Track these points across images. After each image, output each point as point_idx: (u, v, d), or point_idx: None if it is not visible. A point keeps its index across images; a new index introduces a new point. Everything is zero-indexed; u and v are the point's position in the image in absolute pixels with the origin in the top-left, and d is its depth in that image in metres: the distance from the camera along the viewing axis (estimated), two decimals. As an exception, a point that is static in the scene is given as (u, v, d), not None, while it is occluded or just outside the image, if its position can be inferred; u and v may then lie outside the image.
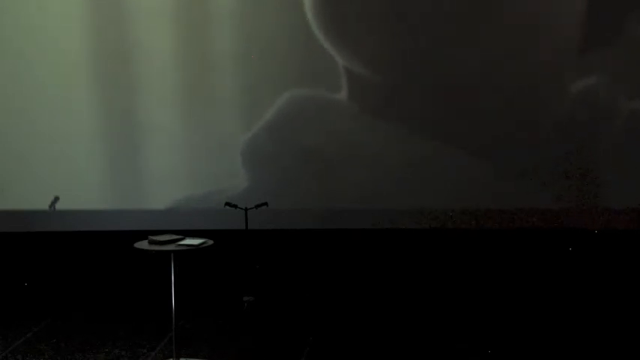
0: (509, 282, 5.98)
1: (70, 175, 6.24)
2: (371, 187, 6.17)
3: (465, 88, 6.06)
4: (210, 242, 4.68)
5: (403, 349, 5.09)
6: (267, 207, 5.70)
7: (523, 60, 6.02)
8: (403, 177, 6.15)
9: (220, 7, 6.11)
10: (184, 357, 4.81)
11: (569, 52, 6.04)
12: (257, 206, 5.67)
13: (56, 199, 6.18)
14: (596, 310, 5.68)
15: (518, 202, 6.13)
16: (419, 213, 6.14)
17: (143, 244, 4.60)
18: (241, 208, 5.66)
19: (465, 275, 6.05)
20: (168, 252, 4.54)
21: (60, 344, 5.19)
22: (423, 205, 6.14)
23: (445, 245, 6.14)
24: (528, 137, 6.08)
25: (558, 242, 6.07)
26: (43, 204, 6.21)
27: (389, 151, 6.13)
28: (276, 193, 6.02)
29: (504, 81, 6.07)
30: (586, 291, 5.87)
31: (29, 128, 6.24)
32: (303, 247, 6.19)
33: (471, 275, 6.05)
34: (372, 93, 6.14)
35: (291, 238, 6.18)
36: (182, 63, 6.20)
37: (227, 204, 5.68)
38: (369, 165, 6.16)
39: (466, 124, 6.10)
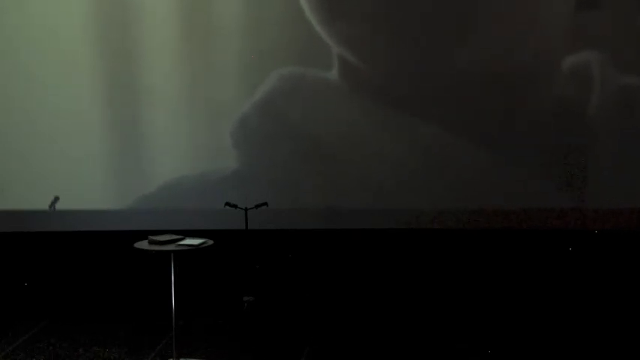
0: (510, 282, 5.98)
1: (70, 175, 6.24)
2: (371, 185, 6.17)
3: (460, 78, 6.04)
4: (210, 242, 4.68)
5: (403, 348, 5.10)
6: (267, 207, 5.69)
7: (517, 45, 6.01)
8: (404, 175, 6.15)
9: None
10: (184, 357, 4.82)
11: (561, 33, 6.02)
12: (257, 206, 5.67)
13: (56, 199, 6.18)
14: (596, 310, 5.68)
15: (520, 202, 6.12)
16: (419, 212, 6.14)
17: (143, 244, 4.60)
18: (241, 208, 5.65)
19: (465, 275, 6.05)
20: (168, 252, 4.54)
21: (60, 344, 5.19)
22: (422, 204, 6.13)
23: (445, 245, 6.13)
24: (524, 133, 6.07)
25: (558, 242, 6.07)
26: (43, 204, 6.21)
27: (391, 149, 6.13)
28: (274, 182, 6.06)
29: (501, 71, 6.05)
30: (586, 291, 5.87)
31: (29, 128, 6.24)
32: (303, 247, 6.19)
33: (471, 275, 6.04)
34: (366, 81, 6.13)
35: (291, 238, 6.18)
36: (184, 59, 6.21)
37: (227, 204, 5.68)
38: (370, 164, 6.16)
39: (463, 116, 6.08)
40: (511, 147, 6.07)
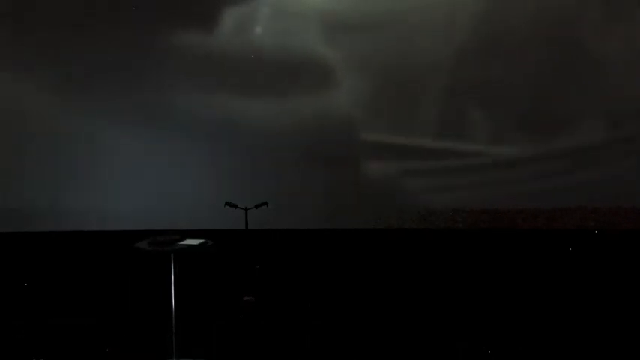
0: (510, 282, 5.98)
1: (71, 175, 6.24)
2: (372, 184, 6.17)
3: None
4: (210, 242, 4.68)
5: (404, 346, 5.09)
6: (267, 207, 5.69)
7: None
8: (404, 175, 6.15)
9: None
10: (184, 357, 4.81)
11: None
12: (257, 206, 5.67)
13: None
14: (596, 309, 5.68)
15: (521, 202, 6.12)
16: (420, 212, 6.14)
17: (143, 244, 4.60)
18: (241, 208, 5.65)
19: (466, 275, 6.05)
20: (169, 252, 4.54)
21: (59, 344, 5.19)
22: (424, 204, 6.13)
23: (446, 245, 6.13)
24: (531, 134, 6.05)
25: (558, 242, 6.07)
26: (43, 204, 6.21)
27: (388, 147, 6.13)
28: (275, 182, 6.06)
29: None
30: (586, 291, 5.87)
31: (30, 128, 6.24)
32: (303, 247, 6.19)
33: (472, 275, 6.04)
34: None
35: (291, 238, 6.18)
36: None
37: (227, 204, 5.67)
38: (372, 160, 6.17)
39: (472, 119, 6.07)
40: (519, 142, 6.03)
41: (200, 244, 4.61)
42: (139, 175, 6.29)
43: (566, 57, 6.10)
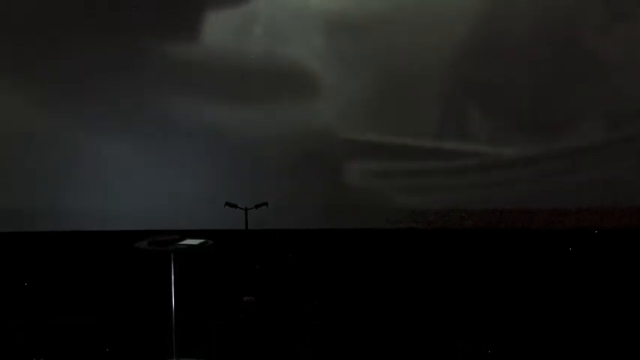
0: (510, 282, 5.98)
1: (71, 175, 6.24)
2: (374, 184, 6.17)
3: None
4: (210, 242, 4.68)
5: (404, 347, 5.09)
6: (267, 207, 5.69)
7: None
8: (404, 175, 6.16)
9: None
10: (184, 357, 4.81)
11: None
12: (257, 206, 5.67)
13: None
14: (596, 309, 5.68)
15: (521, 202, 6.12)
16: (420, 212, 6.14)
17: (143, 244, 4.60)
18: (241, 208, 5.65)
19: (466, 275, 6.05)
20: (169, 252, 4.54)
21: (59, 344, 5.19)
22: (423, 204, 6.13)
23: (445, 245, 6.13)
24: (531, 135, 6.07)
25: (558, 242, 6.07)
26: (43, 204, 6.21)
27: (387, 147, 6.14)
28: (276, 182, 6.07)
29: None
30: (586, 291, 5.87)
31: (30, 128, 6.25)
32: (303, 247, 6.19)
33: (472, 275, 6.04)
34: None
35: (291, 238, 6.18)
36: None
37: (227, 204, 5.67)
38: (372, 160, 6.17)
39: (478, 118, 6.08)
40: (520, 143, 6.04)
41: (200, 244, 4.61)
42: (139, 175, 6.29)
43: (566, 57, 6.10)
